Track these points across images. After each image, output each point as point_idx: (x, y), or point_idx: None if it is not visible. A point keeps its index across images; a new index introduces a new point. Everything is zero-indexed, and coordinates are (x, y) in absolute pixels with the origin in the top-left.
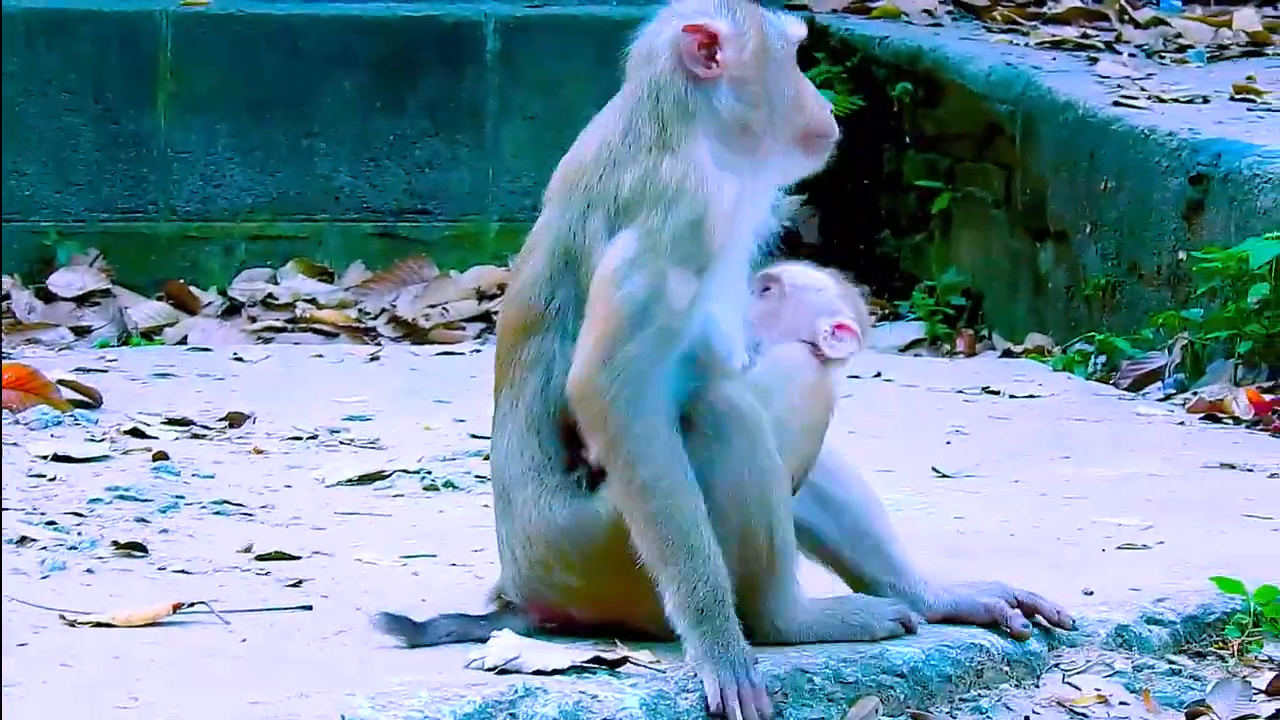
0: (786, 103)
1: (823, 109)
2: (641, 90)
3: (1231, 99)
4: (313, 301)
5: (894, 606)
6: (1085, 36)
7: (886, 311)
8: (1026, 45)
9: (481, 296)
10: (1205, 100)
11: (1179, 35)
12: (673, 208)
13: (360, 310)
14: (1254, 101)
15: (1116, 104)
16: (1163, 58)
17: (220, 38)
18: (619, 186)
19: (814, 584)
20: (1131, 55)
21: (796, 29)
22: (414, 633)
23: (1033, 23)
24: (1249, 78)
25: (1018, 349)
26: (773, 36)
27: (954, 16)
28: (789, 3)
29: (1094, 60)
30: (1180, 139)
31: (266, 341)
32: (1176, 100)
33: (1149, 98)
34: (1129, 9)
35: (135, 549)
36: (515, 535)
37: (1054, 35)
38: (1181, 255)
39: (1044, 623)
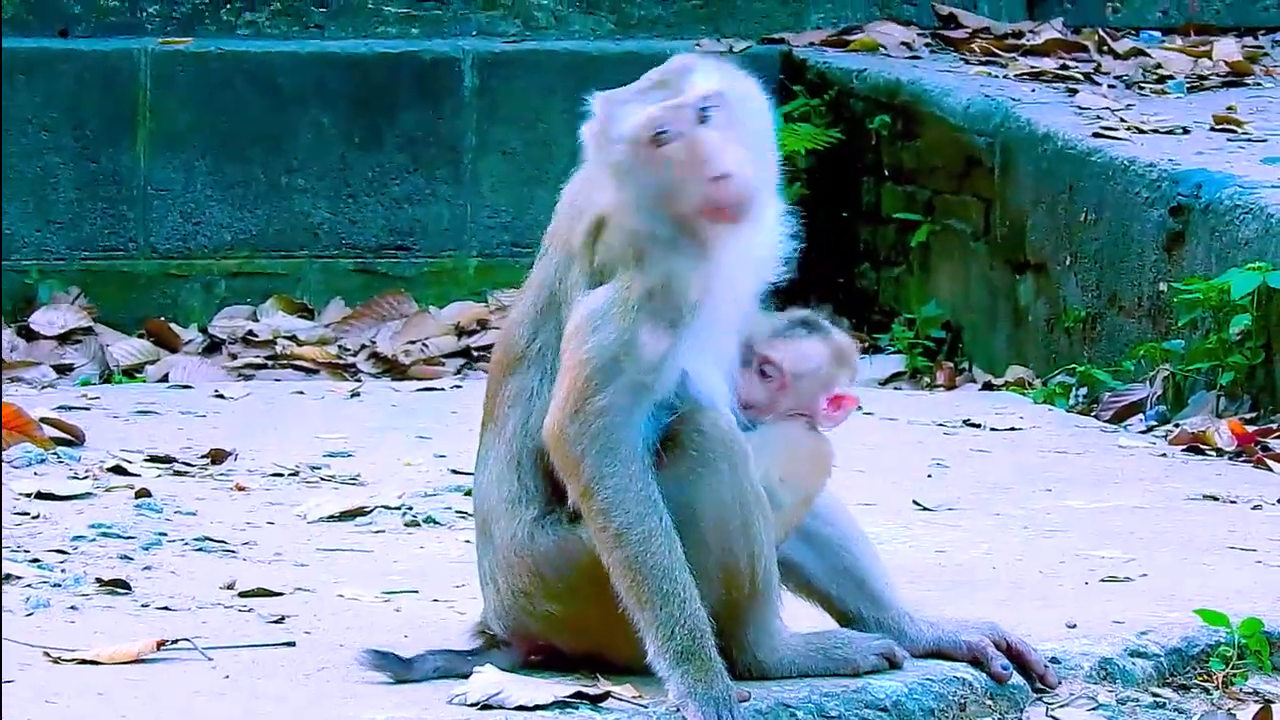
0: (670, 184)
1: (711, 184)
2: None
3: (1212, 129)
4: (293, 338)
5: (878, 641)
6: (1064, 68)
7: (866, 345)
8: (1005, 77)
9: (461, 332)
10: (1185, 131)
11: (1159, 66)
12: (642, 265)
13: (340, 347)
14: (1234, 132)
15: (1096, 135)
16: (1142, 88)
17: (199, 76)
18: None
19: (800, 619)
20: (1111, 86)
21: (635, 123)
22: (401, 668)
23: (1011, 54)
24: (1229, 108)
25: (998, 381)
26: (614, 136)
27: (932, 49)
28: (767, 37)
29: (1073, 91)
30: (1160, 170)
31: (247, 378)
32: (1156, 131)
33: (1129, 129)
34: (1108, 40)
35: (119, 586)
36: (497, 565)
37: (1033, 67)
38: (1162, 287)
39: (1029, 673)
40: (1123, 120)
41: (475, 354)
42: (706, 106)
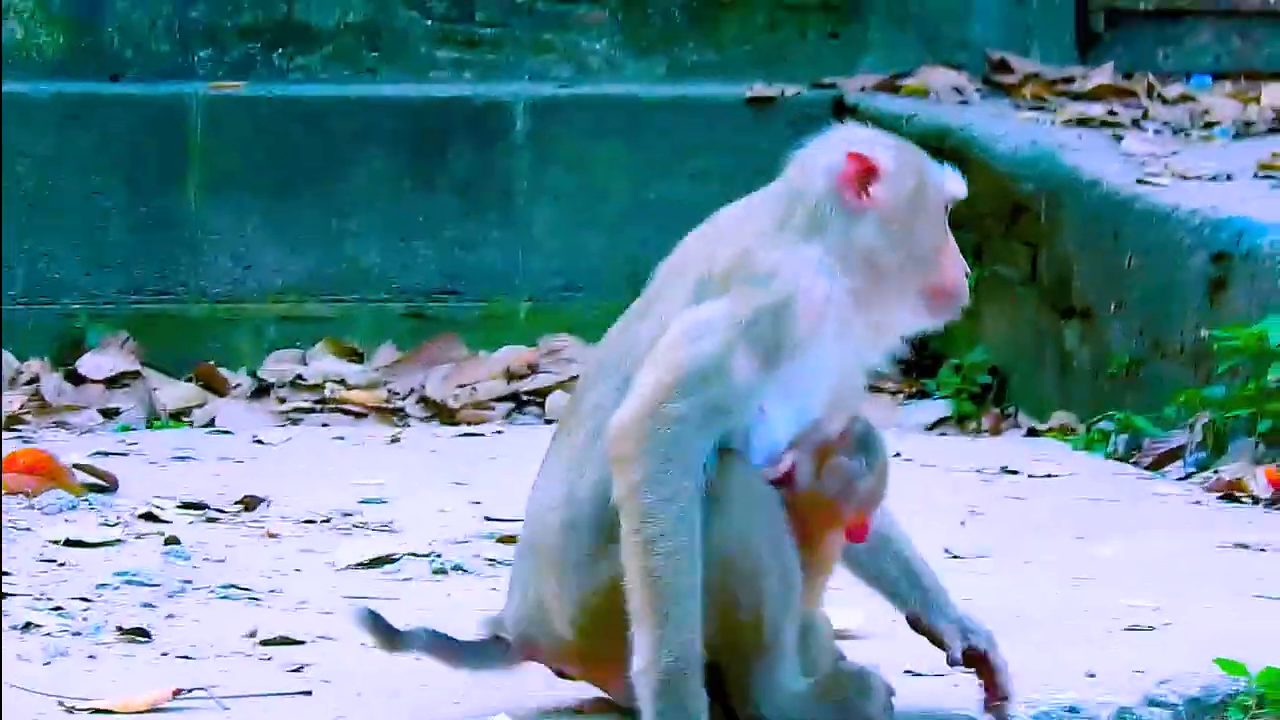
0: (924, 254)
1: (958, 270)
2: (782, 192)
3: (1255, 176)
4: (342, 382)
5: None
6: (1112, 114)
7: (914, 390)
8: (1053, 123)
9: (511, 376)
10: (1229, 177)
11: (1206, 111)
12: (760, 288)
13: (389, 391)
14: (1277, 178)
15: (1140, 182)
16: (1189, 135)
17: (250, 120)
18: (713, 259)
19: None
20: (1157, 132)
21: (956, 186)
22: (392, 638)
23: (1061, 99)
24: (1274, 154)
25: (1043, 427)
26: (931, 187)
27: (983, 94)
28: (818, 81)
29: (1119, 138)
30: (1202, 216)
31: (295, 423)
32: (1200, 178)
33: (1173, 175)
34: (1157, 85)
35: (139, 634)
36: (539, 572)
37: (1081, 113)
38: (1204, 333)
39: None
40: (1167, 166)
41: (524, 398)
42: None
